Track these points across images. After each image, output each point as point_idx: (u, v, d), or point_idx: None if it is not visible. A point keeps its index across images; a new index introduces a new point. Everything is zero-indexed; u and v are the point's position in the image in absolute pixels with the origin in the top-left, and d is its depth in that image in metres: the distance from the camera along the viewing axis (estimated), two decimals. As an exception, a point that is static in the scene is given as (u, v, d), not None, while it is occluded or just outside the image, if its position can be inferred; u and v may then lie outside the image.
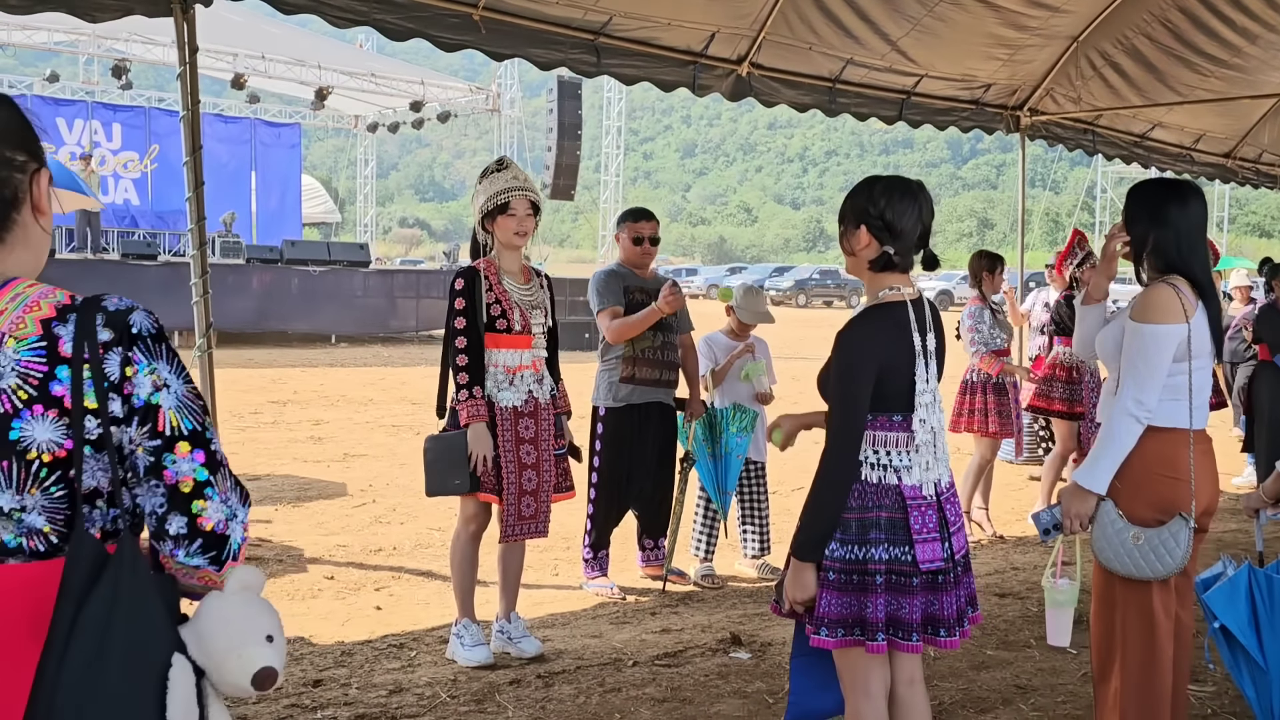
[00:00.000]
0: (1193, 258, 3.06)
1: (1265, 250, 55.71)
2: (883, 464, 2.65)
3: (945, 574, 2.65)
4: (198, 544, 1.52)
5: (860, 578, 2.61)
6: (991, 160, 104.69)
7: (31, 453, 1.45)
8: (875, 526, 2.61)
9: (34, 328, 1.47)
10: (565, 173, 22.13)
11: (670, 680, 4.12)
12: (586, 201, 42.53)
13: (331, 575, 5.46)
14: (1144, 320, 2.99)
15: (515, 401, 4.18)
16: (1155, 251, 3.08)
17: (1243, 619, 3.46)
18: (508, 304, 4.17)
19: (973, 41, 7.63)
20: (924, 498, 2.65)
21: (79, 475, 1.47)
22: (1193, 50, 8.45)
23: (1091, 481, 3.01)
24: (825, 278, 43.49)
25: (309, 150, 50.04)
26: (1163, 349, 2.95)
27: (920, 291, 2.76)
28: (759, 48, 6.90)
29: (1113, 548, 3.00)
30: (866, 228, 2.70)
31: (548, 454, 4.26)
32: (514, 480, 4.16)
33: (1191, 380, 2.99)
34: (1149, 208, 3.11)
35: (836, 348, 2.66)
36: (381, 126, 26.71)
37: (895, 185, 2.72)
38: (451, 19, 5.72)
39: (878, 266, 2.72)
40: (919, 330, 2.68)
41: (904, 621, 2.61)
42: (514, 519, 4.19)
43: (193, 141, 5.57)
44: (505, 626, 4.37)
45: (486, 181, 4.25)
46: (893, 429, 2.66)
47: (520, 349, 4.20)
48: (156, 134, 23.47)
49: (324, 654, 4.35)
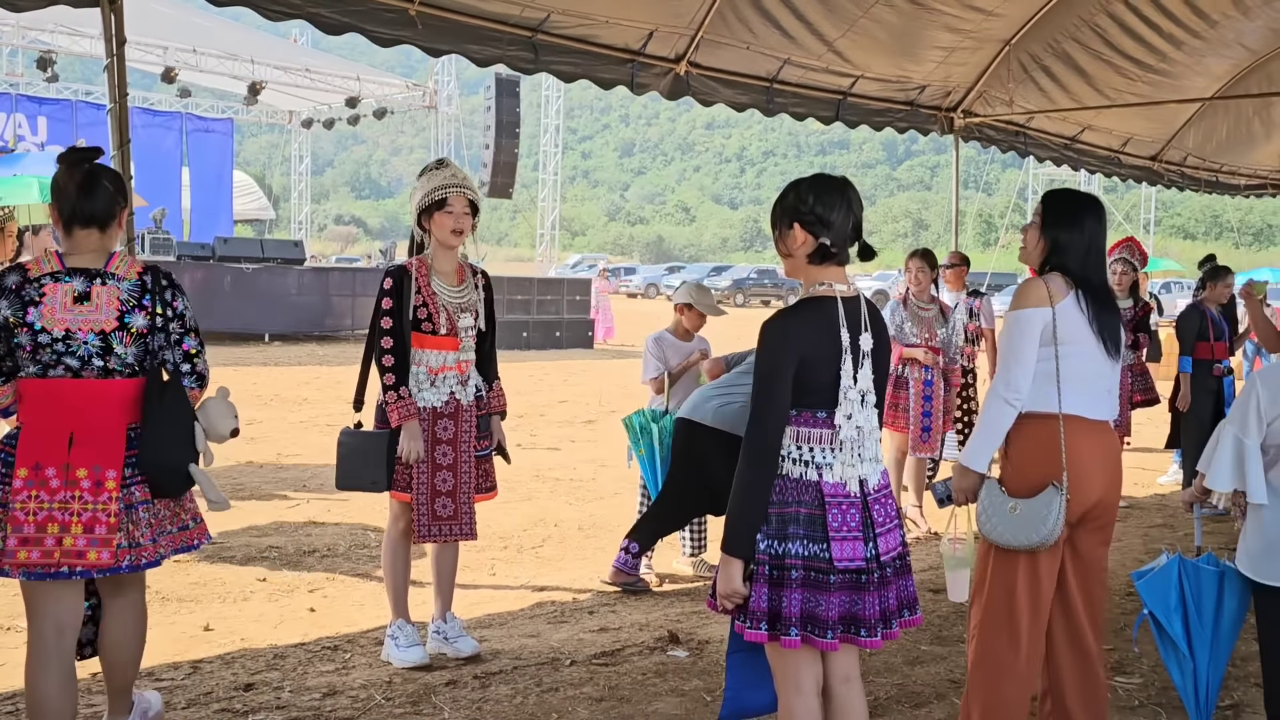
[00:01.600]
0: (1099, 267, 3.22)
1: (1190, 252, 57.09)
2: (804, 460, 2.66)
3: (868, 574, 2.65)
4: (194, 378, 3.26)
5: (779, 572, 2.62)
6: (926, 162, 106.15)
7: (132, 329, 3.11)
8: (794, 522, 2.63)
9: (134, 275, 3.16)
10: (503, 170, 22.04)
11: (608, 679, 4.10)
12: (525, 200, 42.35)
13: (264, 577, 5.36)
14: (1012, 307, 3.16)
15: (435, 402, 4.16)
16: (1061, 252, 3.19)
17: (1170, 608, 3.56)
18: (435, 306, 4.15)
19: (908, 43, 7.72)
20: (846, 496, 2.66)
21: (152, 341, 3.16)
22: (1121, 55, 8.64)
23: (971, 460, 3.20)
24: (763, 277, 43.75)
25: (242, 146, 49.20)
26: (1025, 333, 3.11)
27: (858, 291, 2.78)
28: (697, 47, 6.91)
29: (990, 519, 3.15)
30: (800, 224, 2.73)
31: (467, 455, 4.22)
32: (425, 480, 4.13)
33: (1059, 365, 3.09)
34: (1065, 214, 3.23)
35: (759, 339, 2.68)
36: (316, 123, 26.36)
37: (820, 181, 2.77)
38: (387, 14, 5.65)
39: (816, 259, 2.74)
40: (848, 327, 2.69)
41: (820, 618, 2.62)
42: (427, 519, 4.14)
43: (120, 135, 5.44)
44: (441, 627, 4.33)
45: (425, 178, 4.23)
46: (815, 425, 2.67)
47: (445, 350, 4.18)
48: (83, 127, 22.89)
49: (256, 657, 4.27)
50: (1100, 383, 3.17)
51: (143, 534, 3.07)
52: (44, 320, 3.01)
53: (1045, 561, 3.14)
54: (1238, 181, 12.25)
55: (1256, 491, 3.13)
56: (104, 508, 2.99)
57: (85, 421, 3.04)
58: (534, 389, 13.58)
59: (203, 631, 4.55)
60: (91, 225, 3.11)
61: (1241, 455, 3.15)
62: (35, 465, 2.99)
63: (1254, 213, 63.71)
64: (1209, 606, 3.52)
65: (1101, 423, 3.18)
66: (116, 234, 3.20)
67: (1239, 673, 4.28)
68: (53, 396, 3.03)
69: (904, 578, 2.78)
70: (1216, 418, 7.65)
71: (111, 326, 3.06)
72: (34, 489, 2.97)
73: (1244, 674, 4.27)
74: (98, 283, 3.08)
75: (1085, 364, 3.12)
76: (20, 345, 3.02)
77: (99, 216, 3.11)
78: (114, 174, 3.21)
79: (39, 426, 3.02)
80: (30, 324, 3.00)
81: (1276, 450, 3.13)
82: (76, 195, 3.09)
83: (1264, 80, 9.80)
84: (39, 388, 3.04)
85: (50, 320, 3.01)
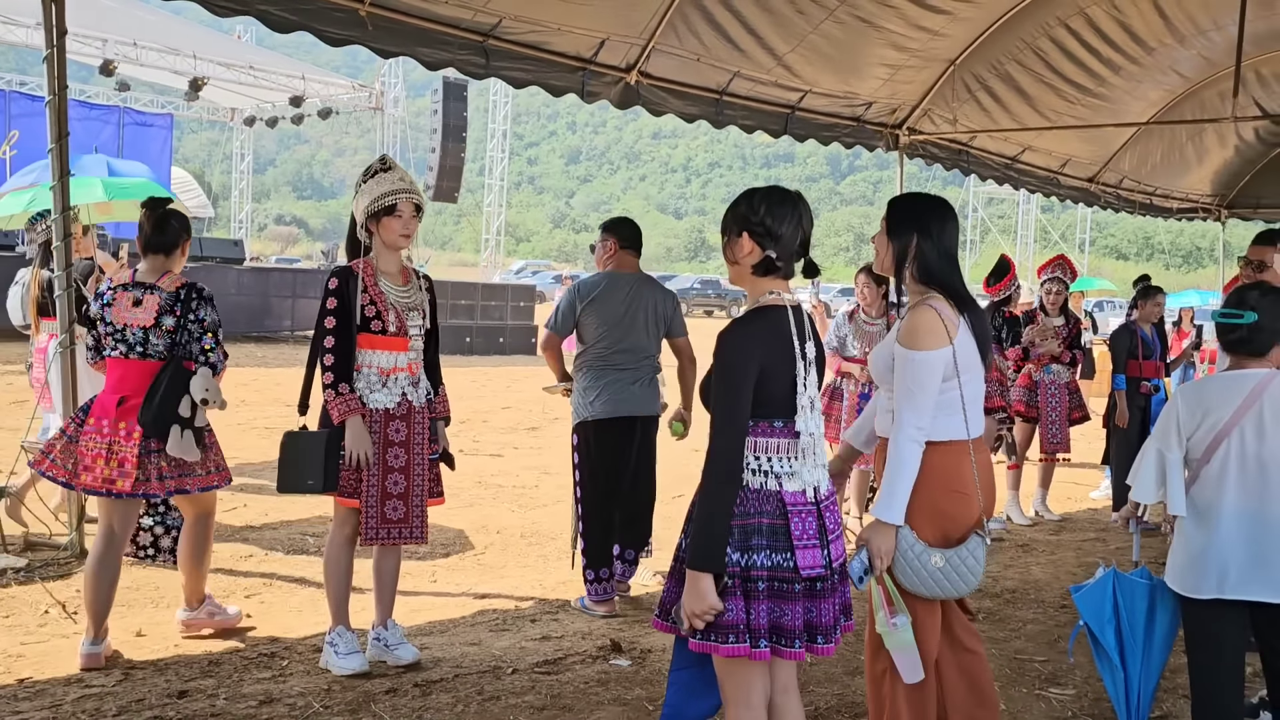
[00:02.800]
0: (954, 269, 3.13)
1: (1122, 271, 58.37)
2: (764, 470, 2.67)
3: (825, 580, 2.69)
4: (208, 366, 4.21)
5: (744, 584, 2.62)
6: (869, 177, 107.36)
7: (163, 327, 4.18)
8: (757, 533, 2.63)
9: (173, 289, 4.24)
10: (449, 174, 21.91)
11: (550, 688, 4.09)
12: (469, 204, 42.12)
13: (199, 582, 5.25)
14: (911, 347, 3.00)
15: (388, 404, 4.13)
16: (917, 260, 3.11)
17: (1103, 619, 3.63)
18: (383, 305, 4.12)
19: (856, 60, 7.82)
20: (803, 504, 2.68)
21: (179, 336, 4.21)
22: (1061, 78, 8.84)
23: (890, 514, 2.97)
24: (706, 287, 43.97)
25: (181, 142, 48.36)
26: (932, 374, 2.98)
27: (799, 300, 2.81)
28: (648, 57, 6.94)
29: (915, 573, 3.00)
30: (749, 234, 2.74)
31: (419, 458, 4.20)
32: (376, 483, 4.08)
33: (963, 393, 3.04)
34: (915, 217, 3.15)
35: (717, 350, 2.67)
36: (259, 121, 25.95)
37: (774, 193, 2.78)
38: (337, 14, 5.61)
39: (760, 271, 2.75)
40: (798, 336, 2.71)
41: (786, 628, 2.63)
42: (376, 522, 4.09)
43: (59, 128, 5.35)
44: (381, 634, 4.28)
45: (372, 182, 4.18)
46: (774, 434, 2.68)
47: (396, 351, 4.15)
48: (16, 118, 22.33)
49: (190, 663, 4.19)
50: (979, 400, 3.14)
51: (154, 473, 4.17)
52: (112, 317, 4.22)
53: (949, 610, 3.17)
54: (1170, 205, 12.57)
55: (1176, 503, 3.21)
56: (130, 451, 4.14)
57: (130, 388, 4.20)
58: (477, 394, 13.49)
59: (135, 637, 4.46)
60: (159, 252, 4.33)
61: (1164, 468, 3.24)
62: (98, 417, 4.21)
63: (1184, 235, 65.41)
64: (1140, 619, 3.60)
65: (977, 440, 3.13)
66: (179, 258, 4.39)
67: (1168, 684, 4.37)
68: (115, 370, 4.26)
69: (845, 584, 2.82)
70: (1143, 434, 7.82)
71: (149, 324, 4.21)
72: (93, 434, 4.18)
73: (1173, 685, 4.36)
74: (149, 293, 4.25)
75: (974, 388, 3.10)
76: (102, 335, 4.26)
77: (165, 247, 4.34)
78: (181, 216, 4.45)
79: (107, 390, 4.25)
80: (106, 320, 4.23)
81: (1197, 464, 3.22)
82: (150, 231, 4.33)
83: (1197, 107, 10.09)
84: (110, 364, 4.28)
85: (116, 318, 4.22)
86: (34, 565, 5.22)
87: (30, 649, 4.26)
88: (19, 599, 4.81)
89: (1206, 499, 3.20)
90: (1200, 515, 3.20)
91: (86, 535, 5.45)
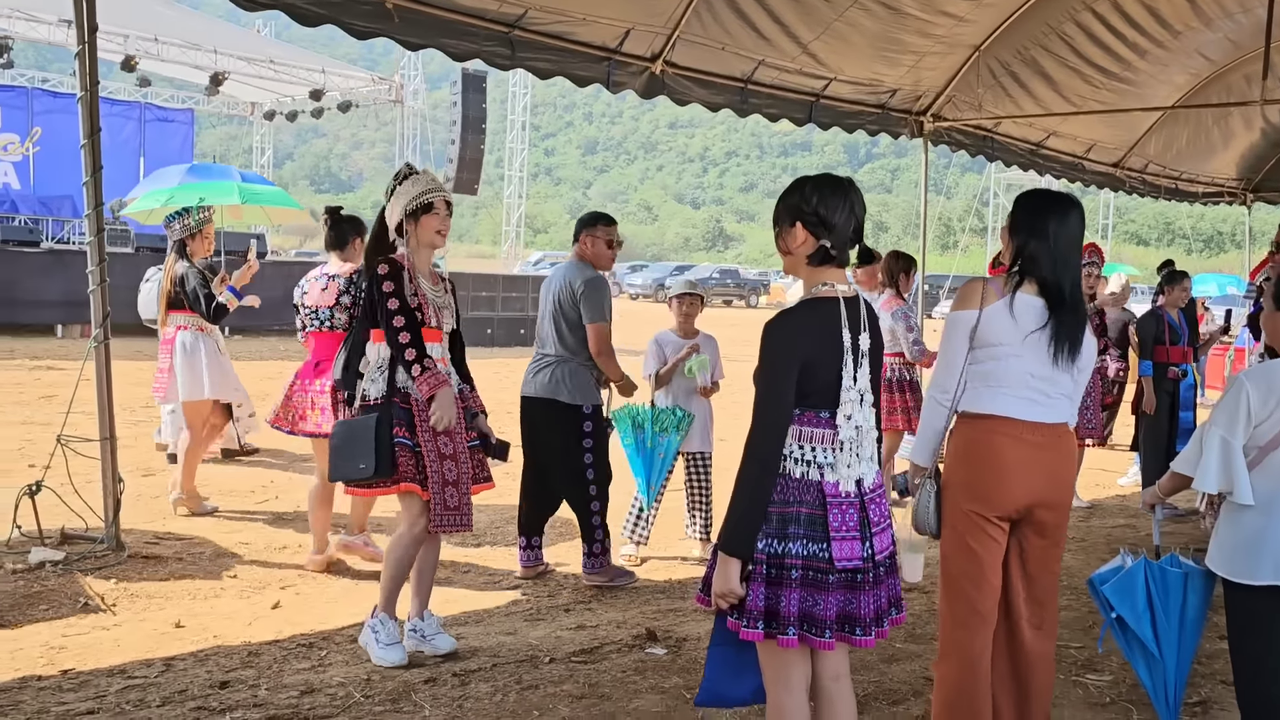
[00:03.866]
0: (1063, 267, 3.16)
1: (1144, 257, 57.90)
2: (806, 460, 2.67)
3: (864, 573, 2.68)
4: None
5: (777, 571, 2.63)
6: (887, 165, 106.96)
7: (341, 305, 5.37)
8: (795, 522, 2.64)
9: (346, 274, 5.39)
10: (469, 166, 21.92)
11: (587, 677, 4.11)
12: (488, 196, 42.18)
13: (234, 573, 5.31)
14: (950, 310, 3.24)
15: None
16: (1028, 259, 3.17)
17: (1138, 609, 3.60)
18: (424, 300, 4.21)
19: (880, 47, 7.79)
20: (844, 495, 2.68)
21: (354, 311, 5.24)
22: (1086, 63, 8.78)
23: (915, 454, 3.35)
24: (725, 277, 43.88)
25: (202, 137, 48.56)
26: (954, 334, 3.19)
27: (856, 291, 2.79)
28: (673, 46, 6.93)
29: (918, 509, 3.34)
30: (802, 224, 2.74)
31: (463, 445, 4.27)
32: (436, 470, 4.13)
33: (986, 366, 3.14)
34: (1032, 218, 3.21)
35: (762, 339, 2.68)
36: (279, 114, 26.04)
37: (826, 182, 2.77)
38: (364, 6, 5.62)
39: (815, 261, 2.75)
40: (850, 328, 2.70)
41: (817, 618, 2.63)
42: (440, 509, 4.14)
43: (91, 124, 5.38)
44: (418, 625, 4.31)
45: (407, 184, 4.26)
46: (818, 425, 2.68)
47: (432, 342, 4.24)
48: (39, 115, 22.48)
49: (230, 654, 4.22)
50: (1039, 384, 3.16)
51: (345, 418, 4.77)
52: (307, 300, 5.38)
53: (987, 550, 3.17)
54: (1195, 189, 12.48)
55: (1243, 493, 3.15)
56: (327, 402, 5.19)
57: (323, 354, 5.34)
58: (500, 385, 13.49)
59: (174, 628, 4.50)
60: (335, 249, 5.45)
61: (1229, 457, 3.19)
62: (302, 378, 5.44)
63: (1205, 220, 64.87)
64: (1175, 607, 3.57)
65: (1038, 425, 3.15)
66: (353, 252, 5.41)
67: (1205, 670, 4.37)
68: (312, 341, 5.44)
69: (893, 576, 2.81)
70: (1172, 420, 7.78)
71: (332, 303, 5.34)
72: (299, 392, 5.43)
73: (1210, 671, 4.35)
74: (331, 280, 5.38)
75: (1016, 364, 3.13)
76: (302, 315, 5.40)
77: (339, 244, 5.44)
78: (351, 220, 5.53)
79: (311, 357, 5.46)
80: (305, 304, 5.37)
81: (1259, 452, 3.18)
82: (328, 234, 5.43)
83: (1223, 91, 10.00)
84: (309, 336, 5.45)
85: (310, 300, 5.38)
86: (71, 558, 5.27)
87: (72, 640, 4.30)
88: (58, 591, 4.86)
89: (1271, 487, 3.14)
90: (1262, 502, 3.15)
91: (122, 528, 5.52)
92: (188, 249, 6.44)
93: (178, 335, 6.40)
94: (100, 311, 5.43)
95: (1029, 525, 3.21)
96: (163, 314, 6.49)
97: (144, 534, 5.89)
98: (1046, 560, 3.28)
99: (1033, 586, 3.29)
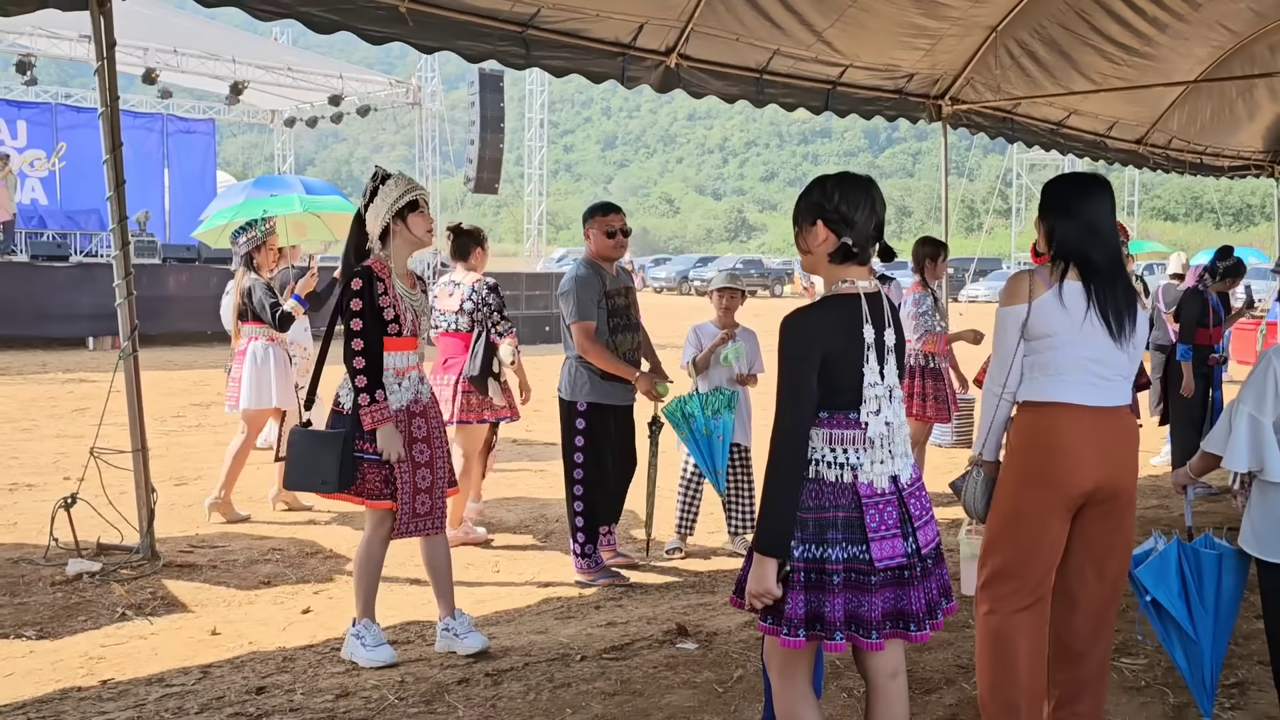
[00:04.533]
0: (1094, 243, 3.16)
1: (1171, 233, 57.24)
2: (839, 462, 2.65)
3: (910, 569, 2.66)
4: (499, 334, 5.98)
5: (819, 576, 2.61)
6: (908, 149, 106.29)
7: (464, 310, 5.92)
8: (832, 526, 2.62)
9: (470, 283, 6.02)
10: (489, 166, 21.96)
11: (619, 673, 4.12)
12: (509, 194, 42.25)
13: (268, 580, 5.35)
14: (1000, 306, 3.26)
15: (404, 401, 4.23)
16: (1060, 241, 3.19)
17: (1173, 592, 3.57)
18: (401, 308, 4.21)
19: (896, 32, 7.74)
20: (880, 494, 2.65)
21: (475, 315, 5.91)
22: (1106, 39, 8.67)
23: (982, 449, 3.36)
24: (749, 267, 43.77)
25: (224, 146, 48.86)
26: (1006, 329, 3.22)
27: (878, 287, 2.77)
28: (687, 39, 6.92)
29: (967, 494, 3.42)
30: (823, 222, 2.72)
31: (440, 451, 4.32)
32: (408, 480, 4.17)
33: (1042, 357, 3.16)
34: (1057, 199, 3.24)
35: (780, 336, 2.66)
36: (300, 121, 26.18)
37: (847, 179, 2.75)
38: (378, 11, 5.65)
39: (837, 259, 2.73)
40: (872, 323, 2.68)
41: (864, 619, 2.61)
42: (407, 517, 4.19)
43: (113, 139, 5.43)
44: (450, 624, 4.35)
45: (388, 186, 4.23)
46: (848, 426, 2.65)
47: (408, 350, 4.27)
48: (63, 130, 22.71)
49: (265, 660, 4.27)
50: (1097, 368, 3.15)
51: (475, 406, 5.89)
52: (437, 304, 5.94)
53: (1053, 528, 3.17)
54: (1221, 163, 12.33)
55: (1274, 470, 3.13)
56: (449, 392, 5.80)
57: (450, 353, 5.94)
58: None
59: (210, 635, 4.55)
60: (457, 260, 6.06)
61: (1258, 434, 3.16)
62: (435, 374, 5.79)
63: (1233, 193, 64.06)
64: (1210, 589, 3.54)
65: (1100, 409, 3.15)
66: (476, 261, 6.04)
67: (1242, 651, 4.33)
68: (440, 341, 5.98)
69: (940, 566, 2.79)
70: (1205, 404, 7.65)
71: (456, 309, 5.91)
72: (440, 386, 5.77)
73: (1247, 652, 4.31)
74: (456, 288, 5.97)
75: (1073, 351, 3.12)
76: (434, 319, 5.64)
77: (462, 255, 6.03)
78: (471, 232, 6.10)
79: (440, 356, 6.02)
80: (435, 308, 5.87)
81: None
82: (451, 245, 6.04)
83: (1246, 62, 9.86)
84: (438, 337, 5.94)
85: (439, 305, 5.95)
86: (108, 568, 5.34)
87: (110, 650, 4.36)
88: (96, 602, 4.92)
89: None
90: None
91: (156, 538, 5.58)
92: (254, 261, 6.58)
93: (249, 345, 6.57)
94: (129, 324, 5.48)
95: (1094, 509, 3.19)
96: (235, 326, 6.68)
97: (179, 542, 5.95)
98: (1113, 545, 3.25)
99: (1103, 573, 3.27)
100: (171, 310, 17.54)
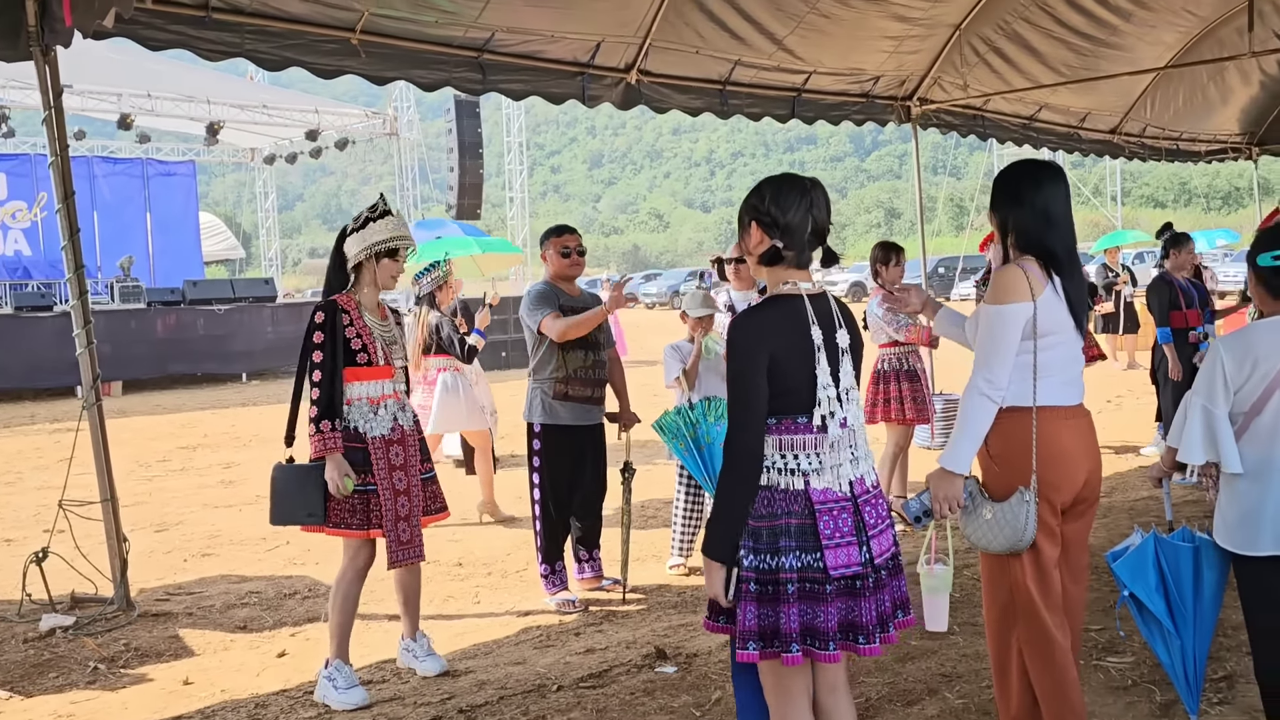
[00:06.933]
0: (1051, 231, 3.08)
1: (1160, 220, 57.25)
2: (790, 468, 2.59)
3: (863, 579, 2.58)
4: None
5: (773, 588, 2.55)
6: (894, 151, 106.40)
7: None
8: (785, 534, 2.56)
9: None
10: (470, 192, 21.91)
11: (595, 702, 4.04)
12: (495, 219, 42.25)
13: (244, 624, 5.27)
14: (994, 302, 3.04)
15: (383, 430, 4.22)
16: (1016, 231, 3.11)
17: (1150, 586, 3.50)
18: (369, 339, 4.21)
19: (858, 35, 7.71)
20: (835, 501, 2.59)
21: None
22: (1071, 31, 8.65)
23: (954, 463, 3.03)
24: (729, 280, 43.69)
25: (210, 186, 48.92)
26: (1009, 328, 3.00)
27: (823, 287, 2.73)
28: (646, 54, 6.89)
29: (970, 521, 3.08)
30: (756, 224, 2.69)
31: (416, 479, 4.32)
32: (391, 508, 4.17)
33: (1037, 358, 3.02)
34: (1007, 188, 3.15)
35: (729, 338, 2.63)
36: (279, 158, 26.18)
37: (784, 181, 2.71)
38: (328, 44, 5.61)
39: (765, 260, 2.69)
40: (819, 324, 2.63)
41: (819, 630, 2.54)
42: (395, 545, 4.21)
43: (64, 188, 5.38)
44: (410, 645, 4.45)
45: (380, 224, 4.25)
46: (798, 431, 2.60)
47: (382, 379, 4.26)
48: (44, 181, 22.66)
49: (237, 708, 4.18)
50: (1074, 368, 3.11)
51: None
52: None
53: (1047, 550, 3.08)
54: (1199, 148, 12.31)
55: (1230, 461, 3.07)
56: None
57: None
58: (517, 408, 13.46)
59: (182, 685, 4.47)
60: None
61: (1212, 426, 3.10)
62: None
63: (1220, 177, 64.12)
64: (1187, 582, 3.46)
65: (1076, 407, 3.11)
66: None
67: (1230, 643, 4.25)
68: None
69: (897, 578, 2.71)
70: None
71: None
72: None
73: (1235, 644, 4.24)
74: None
75: (1062, 352, 3.06)
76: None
77: None
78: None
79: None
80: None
81: (1244, 418, 3.08)
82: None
83: (1215, 46, 9.84)
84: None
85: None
86: (81, 622, 5.26)
87: (80, 707, 4.27)
88: (68, 657, 4.84)
89: (1259, 453, 3.05)
90: (1252, 470, 3.07)
91: (133, 586, 5.50)
92: (436, 299, 7.13)
93: (439, 376, 7.19)
94: (90, 374, 5.42)
95: (1074, 508, 3.13)
96: (416, 358, 7.10)
97: (156, 591, 5.87)
98: (1079, 536, 3.21)
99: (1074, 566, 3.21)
100: (159, 354, 17.48)
